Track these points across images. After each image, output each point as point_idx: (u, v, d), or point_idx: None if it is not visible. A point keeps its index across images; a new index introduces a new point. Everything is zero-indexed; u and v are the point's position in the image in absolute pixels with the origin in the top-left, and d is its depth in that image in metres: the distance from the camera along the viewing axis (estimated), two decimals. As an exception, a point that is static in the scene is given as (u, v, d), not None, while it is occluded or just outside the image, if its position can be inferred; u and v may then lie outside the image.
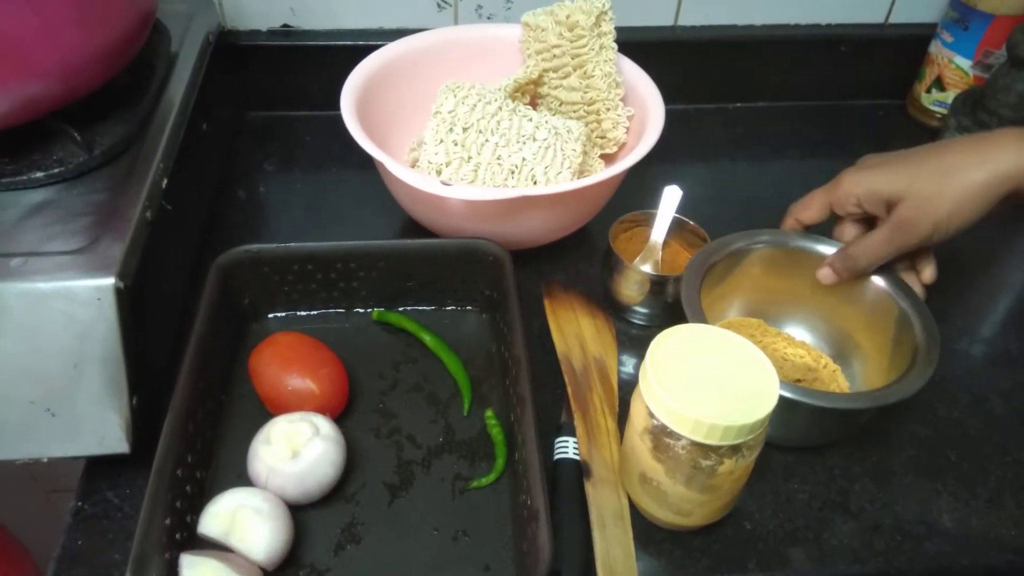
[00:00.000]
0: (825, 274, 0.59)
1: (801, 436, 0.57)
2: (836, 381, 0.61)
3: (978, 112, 0.80)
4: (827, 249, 0.61)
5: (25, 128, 0.55)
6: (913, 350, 0.55)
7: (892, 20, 0.90)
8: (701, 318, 0.55)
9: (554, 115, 0.69)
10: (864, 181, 0.55)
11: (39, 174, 0.55)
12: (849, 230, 0.60)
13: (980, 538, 0.54)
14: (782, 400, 0.50)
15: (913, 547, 0.53)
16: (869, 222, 0.60)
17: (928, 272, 0.59)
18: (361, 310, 0.65)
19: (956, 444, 0.59)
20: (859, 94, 0.94)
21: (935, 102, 0.89)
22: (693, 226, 0.65)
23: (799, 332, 0.64)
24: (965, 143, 0.53)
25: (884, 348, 0.59)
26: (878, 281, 0.59)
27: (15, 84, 0.51)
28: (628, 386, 0.61)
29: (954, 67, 0.85)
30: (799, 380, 0.60)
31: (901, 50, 0.90)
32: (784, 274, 0.63)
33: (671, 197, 0.64)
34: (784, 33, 0.89)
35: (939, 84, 0.87)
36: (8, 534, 1.02)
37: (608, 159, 0.75)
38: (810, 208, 0.60)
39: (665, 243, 0.66)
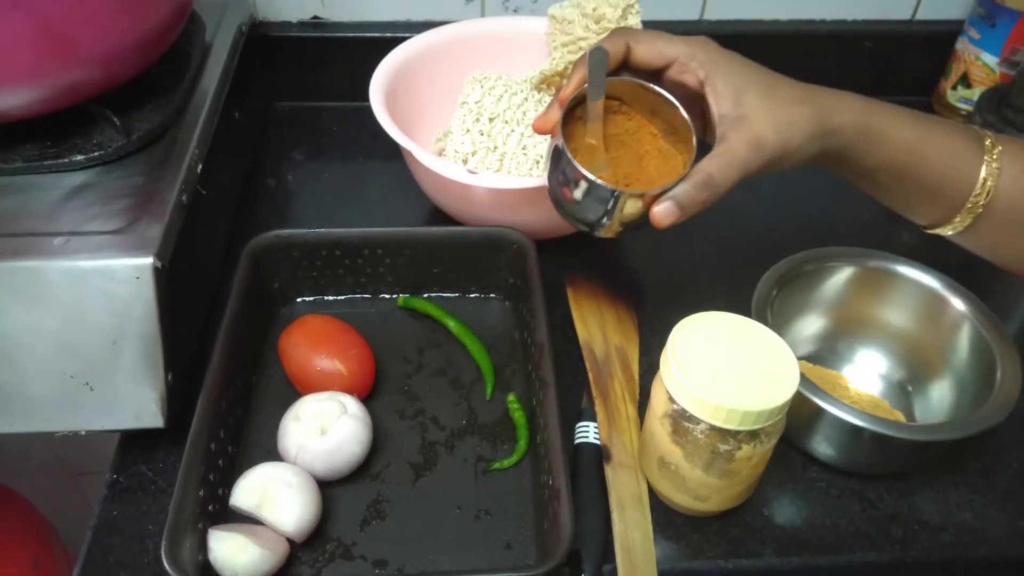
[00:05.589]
0: (665, 209, 0.46)
1: (879, 465, 0.57)
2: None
3: (1004, 110, 0.79)
4: (907, 270, 0.61)
5: (66, 113, 0.56)
6: (992, 375, 0.54)
7: (919, 16, 0.90)
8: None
9: (579, 107, 0.70)
10: (726, 60, 0.46)
11: (79, 157, 0.57)
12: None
13: (998, 529, 0.54)
14: (861, 430, 0.51)
15: (930, 536, 0.54)
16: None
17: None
18: (387, 296, 0.66)
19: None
20: (884, 91, 0.92)
21: (961, 99, 0.88)
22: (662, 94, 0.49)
23: (873, 355, 0.64)
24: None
25: (961, 372, 0.58)
26: (957, 304, 0.59)
27: (60, 70, 0.53)
28: (649, 375, 0.62)
29: (980, 64, 0.85)
30: None
31: (927, 47, 0.90)
32: (860, 294, 0.62)
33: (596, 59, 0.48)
34: (809, 29, 0.89)
35: (965, 81, 0.87)
36: (39, 515, 1.04)
37: (631, 151, 0.76)
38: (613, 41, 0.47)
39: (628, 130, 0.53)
